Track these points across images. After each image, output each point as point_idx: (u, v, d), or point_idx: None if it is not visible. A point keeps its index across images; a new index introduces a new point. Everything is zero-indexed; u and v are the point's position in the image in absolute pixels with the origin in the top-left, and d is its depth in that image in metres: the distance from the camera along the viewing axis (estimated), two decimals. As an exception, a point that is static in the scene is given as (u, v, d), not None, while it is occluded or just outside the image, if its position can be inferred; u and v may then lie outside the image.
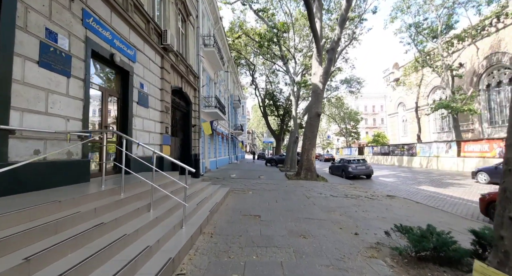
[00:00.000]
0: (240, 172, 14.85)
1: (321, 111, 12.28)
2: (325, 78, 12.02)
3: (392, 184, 11.42)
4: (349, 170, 13.13)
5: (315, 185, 10.50)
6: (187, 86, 10.81)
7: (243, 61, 28.18)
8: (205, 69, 14.38)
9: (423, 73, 27.47)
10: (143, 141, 6.52)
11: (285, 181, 11.26)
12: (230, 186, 9.04)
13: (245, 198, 7.01)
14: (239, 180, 11.21)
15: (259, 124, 64.73)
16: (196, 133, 12.06)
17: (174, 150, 10.07)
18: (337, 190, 9.37)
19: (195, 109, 12.06)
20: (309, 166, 12.20)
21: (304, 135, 12.70)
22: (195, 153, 11.73)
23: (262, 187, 9.36)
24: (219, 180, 10.92)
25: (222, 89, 20.43)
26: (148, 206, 3.78)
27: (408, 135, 38.41)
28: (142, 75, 6.55)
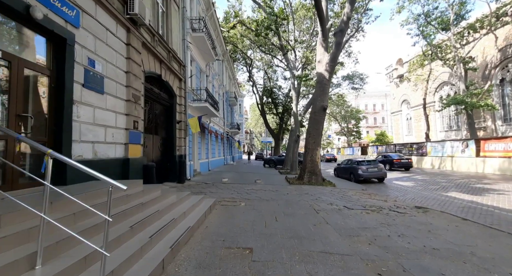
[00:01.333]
0: (234, 175, 13.13)
1: (327, 105, 10.61)
2: (331, 67, 10.34)
3: (412, 190, 9.73)
4: (359, 172, 11.45)
5: (322, 191, 8.81)
6: (169, 75, 9.07)
7: (239, 56, 26.47)
8: (194, 58, 12.66)
9: (431, 67, 25.86)
10: (95, 138, 4.79)
11: (286, 187, 9.56)
12: (219, 195, 7.31)
13: (234, 213, 5.29)
14: (231, 185, 9.50)
15: (257, 124, 63.02)
16: (182, 131, 10.33)
17: (153, 151, 8.34)
18: (350, 198, 7.67)
19: (181, 103, 10.34)
20: (314, 168, 10.50)
21: (307, 133, 11.01)
22: (180, 153, 10.00)
23: (259, 195, 7.64)
24: (208, 186, 9.19)
25: (216, 84, 18.71)
26: (37, 255, 2.04)
27: (413, 134, 36.80)
28: (93, 48, 4.82)
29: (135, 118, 6.22)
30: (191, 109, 11.55)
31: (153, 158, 8.27)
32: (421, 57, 26.46)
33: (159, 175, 8.79)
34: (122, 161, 5.67)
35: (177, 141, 9.92)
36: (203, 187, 8.93)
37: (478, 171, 15.05)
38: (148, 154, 7.98)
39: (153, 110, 8.45)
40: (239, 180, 11.35)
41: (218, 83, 20.05)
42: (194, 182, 10.09)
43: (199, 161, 13.05)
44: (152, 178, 6.75)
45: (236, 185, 9.66)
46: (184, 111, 10.57)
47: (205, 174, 13.11)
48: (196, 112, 11.73)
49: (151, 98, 8.16)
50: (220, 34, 19.28)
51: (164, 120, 9.46)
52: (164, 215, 3.86)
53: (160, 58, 8.11)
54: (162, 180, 9.13)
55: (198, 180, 10.73)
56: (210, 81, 16.58)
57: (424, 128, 33.62)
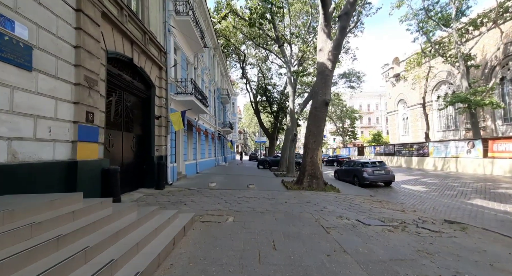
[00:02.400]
0: (224, 179, 11.71)
1: (329, 99, 9.33)
2: (335, 55, 9.07)
3: (427, 196, 8.55)
4: (363, 175, 10.21)
5: (325, 198, 7.51)
6: (144, 61, 7.61)
7: (232, 51, 25.04)
8: (179, 47, 11.19)
9: (430, 65, 25.06)
10: (14, 133, 3.33)
11: (283, 193, 8.22)
12: (201, 206, 5.90)
13: (218, 236, 3.89)
14: (220, 191, 8.09)
15: (250, 124, 61.66)
16: (163, 128, 8.87)
17: (123, 151, 6.86)
18: (360, 207, 6.40)
19: (161, 95, 8.87)
20: (314, 171, 9.20)
21: (306, 131, 9.71)
22: (159, 154, 8.54)
23: (252, 204, 6.27)
24: (191, 192, 7.75)
25: (206, 79, 17.25)
26: None
27: (410, 134, 36.16)
28: (12, 3, 3.35)
29: (89, 109, 4.75)
30: (175, 103, 10.09)
31: (122, 160, 6.78)
32: (420, 54, 25.65)
33: (132, 180, 7.33)
34: (65, 165, 4.19)
35: (155, 139, 8.45)
36: (185, 194, 7.49)
37: (486, 172, 14.09)
38: (116, 155, 6.50)
39: (124, 101, 6.97)
40: (230, 184, 9.95)
41: (209, 78, 18.58)
42: (176, 187, 8.62)
43: (184, 162, 11.58)
44: (114, 186, 5.28)
45: (225, 191, 8.25)
46: (165, 105, 9.11)
47: (192, 177, 11.64)
48: (181, 107, 10.27)
49: (120, 86, 6.69)
50: (210, 25, 17.83)
51: (139, 114, 7.97)
52: (98, 254, 2.43)
53: (131, 38, 6.64)
54: (137, 186, 7.66)
55: (182, 184, 9.27)
56: (199, 75, 15.12)
57: (422, 128, 32.97)
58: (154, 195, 7.21)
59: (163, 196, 7.03)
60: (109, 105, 6.21)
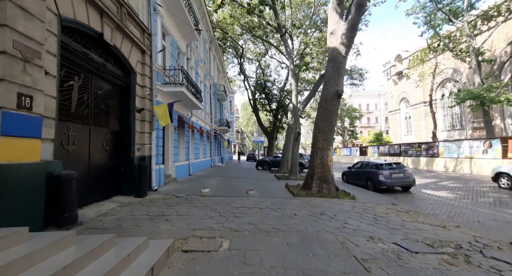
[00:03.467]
0: (220, 182, 10.31)
1: (342, 90, 7.99)
2: (349, 38, 7.75)
3: (460, 204, 7.27)
4: (380, 178, 8.90)
5: (342, 208, 6.18)
6: (121, 40, 6.19)
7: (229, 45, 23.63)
8: (169, 31, 9.79)
9: (437, 61, 23.94)
10: None
11: (290, 200, 6.86)
12: (188, 222, 4.51)
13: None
14: (213, 199, 6.70)
15: (248, 123, 60.30)
16: (146, 123, 7.47)
17: (90, 151, 5.44)
18: (389, 221, 5.09)
19: (144, 85, 7.46)
20: (325, 174, 7.86)
21: (315, 128, 8.37)
22: (141, 154, 7.13)
23: (253, 219, 4.90)
24: (178, 201, 6.35)
25: (200, 73, 15.83)
26: None
27: (413, 133, 35.12)
28: None
29: (24, 90, 3.34)
30: (162, 95, 8.68)
31: (89, 161, 5.36)
32: (425, 50, 24.53)
33: (104, 186, 5.93)
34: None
35: (137, 136, 7.04)
36: (171, 203, 6.09)
37: (506, 174, 12.88)
38: (79, 155, 5.08)
39: (92, 88, 5.54)
40: (226, 189, 8.56)
41: (204, 72, 17.16)
42: (161, 194, 7.21)
43: (174, 163, 10.17)
44: (67, 199, 3.87)
45: (220, 198, 6.86)
46: (149, 96, 7.69)
47: (183, 181, 10.23)
48: (169, 99, 8.87)
49: (86, 68, 5.26)
50: (206, 15, 16.43)
51: (115, 106, 6.55)
52: None
53: (100, 7, 5.23)
54: (111, 194, 6.25)
55: (169, 190, 7.86)
56: (193, 67, 13.71)
57: (426, 128, 31.94)
58: (132, 205, 5.80)
59: (142, 207, 5.62)
60: (67, 91, 4.79)
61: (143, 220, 4.63)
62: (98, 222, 4.40)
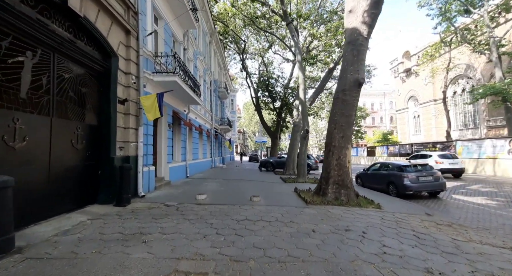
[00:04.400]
0: (220, 186, 9.11)
1: (364, 78, 6.76)
2: (373, 16, 6.54)
3: (509, 215, 6.00)
4: (404, 182, 7.65)
5: (369, 220, 4.97)
6: (96, 13, 5.03)
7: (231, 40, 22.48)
8: (162, 16, 8.64)
9: (450, 56, 22.60)
10: None
11: (303, 210, 5.64)
12: (172, 247, 3.28)
13: None
14: (210, 209, 5.51)
15: (250, 123, 59.13)
16: (132, 117, 6.32)
17: (51, 149, 4.26)
18: (437, 242, 3.89)
19: (128, 71, 6.30)
20: (343, 178, 6.64)
21: (330, 124, 7.15)
22: (125, 155, 5.96)
23: (260, 239, 3.70)
24: (166, 212, 5.14)
25: (199, 66, 14.67)
26: None
27: (422, 133, 33.71)
28: None
29: None
30: (152, 85, 7.51)
31: (50, 163, 4.19)
32: (438, 44, 23.20)
33: (74, 193, 4.77)
34: None
35: (119, 133, 5.87)
36: (157, 215, 4.90)
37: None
38: (35, 154, 3.91)
39: (54, 70, 4.38)
40: (226, 195, 7.36)
41: (204, 66, 16.00)
42: (148, 201, 6.02)
43: (168, 164, 8.99)
44: None
45: (218, 207, 5.66)
46: (135, 86, 6.53)
47: (177, 184, 9.05)
48: (161, 90, 7.71)
49: (44, 43, 4.10)
50: (206, 5, 15.29)
51: (90, 95, 5.39)
52: None
53: (63, -35, 4.06)
54: (84, 202, 5.10)
55: (159, 196, 6.67)
56: (191, 60, 12.55)
57: (437, 126, 30.57)
58: (107, 217, 4.62)
59: (118, 221, 4.44)
60: (14, 70, 3.63)
61: (113, 242, 3.45)
62: (48, 246, 3.22)
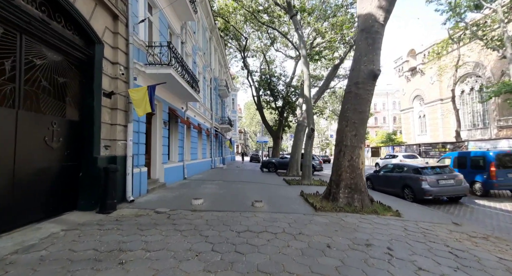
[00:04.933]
0: (219, 189, 8.42)
1: (379, 69, 6.05)
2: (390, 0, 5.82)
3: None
4: (423, 186, 6.92)
5: (391, 232, 4.27)
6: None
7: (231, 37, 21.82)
8: (157, 4, 7.96)
9: (459, 53, 21.82)
10: None
11: (313, 218, 4.94)
12: (157, 267, 2.60)
13: None
14: (206, 216, 4.81)
15: (251, 122, 58.41)
16: (120, 112, 5.64)
17: (17, 148, 3.57)
18: (483, 262, 3.19)
19: (116, 61, 5.63)
20: (356, 181, 5.94)
21: (341, 121, 6.45)
22: (111, 154, 5.27)
23: (264, 259, 2.99)
24: (156, 220, 4.45)
25: (199, 62, 14.00)
26: None
27: (427, 133, 32.87)
28: None
29: None
30: (144, 78, 6.84)
31: (14, 163, 3.51)
32: (446, 41, 22.42)
33: (48, 199, 4.10)
34: None
35: (104, 129, 5.19)
36: (143, 225, 4.21)
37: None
38: None
39: (21, 54, 3.70)
40: (225, 199, 6.66)
41: (203, 63, 15.34)
42: (137, 207, 5.34)
43: (163, 165, 8.31)
44: None
45: (216, 215, 4.97)
46: (124, 78, 5.85)
47: (173, 186, 8.37)
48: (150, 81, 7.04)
49: (7, 21, 3.42)
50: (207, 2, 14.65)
51: (69, 86, 4.71)
52: None
53: None
54: (63, 209, 4.44)
55: (150, 201, 5.98)
56: (189, 55, 11.88)
57: (443, 126, 29.76)
58: (84, 228, 3.94)
59: (98, 231, 3.76)
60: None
61: (82, 263, 2.76)
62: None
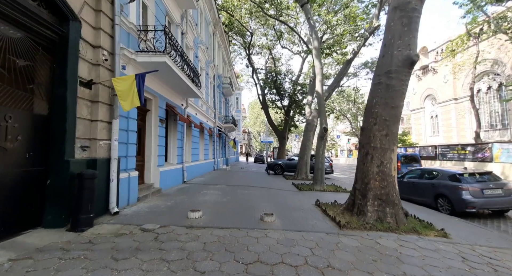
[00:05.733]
0: (221, 196, 7.40)
1: (417, 55, 4.97)
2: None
3: None
4: (463, 197, 5.80)
5: (449, 263, 3.20)
6: None
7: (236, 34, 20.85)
8: (152, -16, 6.98)
9: (478, 49, 20.47)
10: None
11: (339, 240, 3.89)
12: None
13: None
14: (204, 236, 3.80)
15: (256, 122, 57.41)
16: (102, 105, 4.65)
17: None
18: None
19: (99, 45, 4.64)
20: (388, 191, 4.88)
21: (367, 118, 5.39)
22: (90, 156, 4.27)
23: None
24: (136, 243, 3.43)
25: (201, 57, 13.04)
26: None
27: (440, 134, 31.39)
28: None
29: None
30: (134, 67, 5.87)
31: None
32: (464, 36, 21.07)
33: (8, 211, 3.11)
34: None
35: (80, 126, 4.22)
36: (119, 252, 3.21)
37: None
38: None
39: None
40: (228, 211, 5.63)
41: (206, 58, 14.38)
42: (120, 222, 4.35)
43: (159, 168, 7.33)
44: None
45: (216, 233, 3.96)
46: (108, 65, 4.89)
47: (170, 193, 7.39)
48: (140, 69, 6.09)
49: None
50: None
51: (32, 70, 3.75)
52: None
53: None
54: (22, 226, 3.47)
55: (138, 213, 5.00)
56: (191, 47, 10.92)
57: (458, 127, 28.35)
58: (43, 255, 2.96)
59: (58, 261, 2.78)
60: None
61: None
62: None
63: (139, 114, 6.89)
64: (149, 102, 7.32)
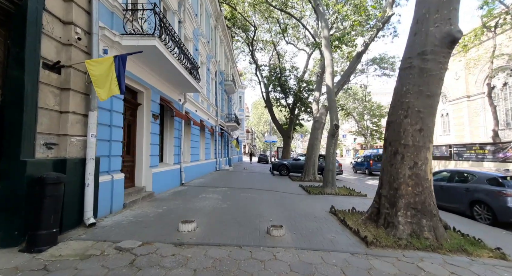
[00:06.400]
0: (221, 201, 6.54)
1: (460, 31, 4.07)
2: None
3: None
4: (508, 204, 4.86)
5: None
6: None
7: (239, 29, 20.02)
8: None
9: (495, 43, 19.28)
10: None
11: (368, 264, 2.99)
12: None
13: None
14: (195, 258, 2.94)
15: (259, 122, 56.49)
16: (74, 94, 3.77)
17: None
18: None
19: (71, 20, 3.78)
20: (423, 199, 3.98)
21: (397, 110, 4.49)
22: (56, 156, 3.41)
23: None
24: (114, 266, 2.59)
25: (202, 51, 12.20)
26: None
27: (451, 133, 30.13)
28: None
29: None
30: (118, 51, 5.00)
31: None
32: (480, 30, 19.91)
33: None
34: None
35: (44, 119, 3.40)
36: None
37: None
38: None
39: None
40: (228, 221, 4.77)
41: (207, 52, 13.56)
42: (92, 238, 3.51)
43: (151, 169, 6.50)
44: None
45: (211, 254, 3.10)
46: (84, 46, 4.06)
47: (162, 197, 6.56)
48: (132, 59, 5.27)
49: None
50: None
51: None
52: None
53: None
54: None
55: (120, 224, 4.17)
56: (189, 39, 10.09)
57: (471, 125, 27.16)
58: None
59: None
60: None
61: None
62: None
63: (129, 109, 6.09)
64: (140, 95, 6.50)
